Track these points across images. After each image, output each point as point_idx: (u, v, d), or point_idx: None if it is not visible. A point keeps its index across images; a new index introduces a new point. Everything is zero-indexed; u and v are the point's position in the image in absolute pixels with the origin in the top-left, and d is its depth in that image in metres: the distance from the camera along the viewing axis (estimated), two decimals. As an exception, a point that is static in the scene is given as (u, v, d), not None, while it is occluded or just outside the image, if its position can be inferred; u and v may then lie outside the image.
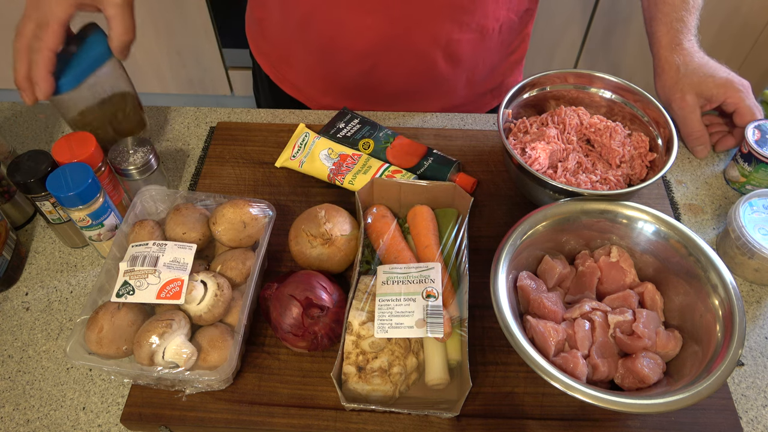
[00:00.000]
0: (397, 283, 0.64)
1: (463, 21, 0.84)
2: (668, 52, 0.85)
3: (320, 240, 0.69)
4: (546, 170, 0.75)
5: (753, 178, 0.80)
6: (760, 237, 0.70)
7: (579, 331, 0.62)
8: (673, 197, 0.83)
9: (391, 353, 0.61)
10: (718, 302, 0.61)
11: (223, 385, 0.63)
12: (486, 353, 0.67)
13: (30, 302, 0.73)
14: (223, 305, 0.63)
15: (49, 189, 0.66)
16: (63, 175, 0.66)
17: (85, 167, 0.67)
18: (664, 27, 0.85)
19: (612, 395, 0.54)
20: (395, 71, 0.90)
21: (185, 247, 0.65)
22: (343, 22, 0.84)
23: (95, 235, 0.71)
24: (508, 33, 0.92)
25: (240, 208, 0.69)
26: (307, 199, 0.81)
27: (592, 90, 0.82)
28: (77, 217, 0.68)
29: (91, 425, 0.64)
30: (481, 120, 0.93)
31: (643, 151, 0.77)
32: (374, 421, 0.62)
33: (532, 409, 0.63)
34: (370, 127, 0.86)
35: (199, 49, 1.97)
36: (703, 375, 0.56)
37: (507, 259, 0.63)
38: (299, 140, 0.84)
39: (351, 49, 0.87)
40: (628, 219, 0.68)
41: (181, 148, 0.90)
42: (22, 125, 0.94)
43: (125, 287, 0.62)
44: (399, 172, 0.79)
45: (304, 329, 0.62)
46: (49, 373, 0.68)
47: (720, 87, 0.82)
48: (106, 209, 0.69)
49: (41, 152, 0.71)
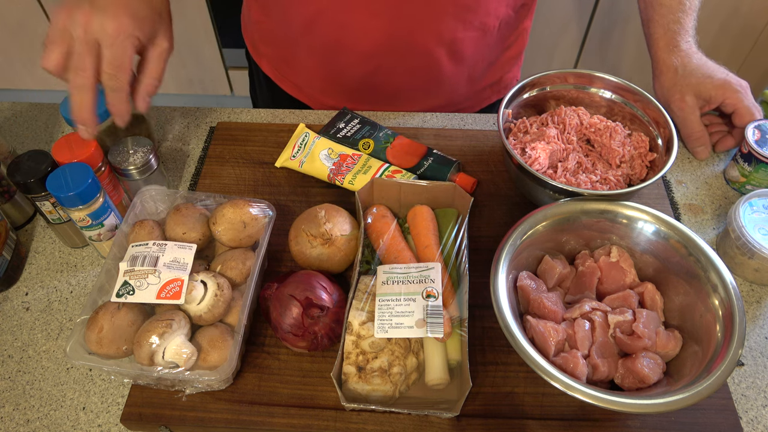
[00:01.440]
0: (397, 283, 0.64)
1: (467, 19, 0.84)
2: (665, 54, 0.85)
3: (320, 240, 0.69)
4: (546, 170, 0.75)
5: (753, 178, 0.80)
6: (760, 237, 0.70)
7: (579, 331, 0.62)
8: (673, 197, 0.83)
9: (391, 353, 0.61)
10: (718, 302, 0.61)
11: (223, 385, 0.63)
12: (486, 353, 0.67)
13: (30, 302, 0.73)
14: (223, 305, 0.63)
15: (49, 189, 0.66)
16: (63, 175, 0.66)
17: (85, 167, 0.67)
18: (660, 29, 0.85)
19: (612, 395, 0.54)
20: (399, 71, 0.90)
21: (185, 247, 0.65)
22: (348, 24, 0.84)
23: (95, 235, 0.71)
24: (506, 28, 0.92)
25: (240, 208, 0.69)
26: (307, 199, 0.81)
27: (592, 90, 0.82)
28: (77, 217, 0.68)
29: (91, 425, 0.64)
30: (481, 120, 0.93)
31: (643, 151, 0.77)
32: (374, 421, 0.62)
33: (532, 409, 0.63)
34: (370, 127, 0.86)
35: (199, 49, 1.98)
36: (703, 375, 0.56)
37: (507, 259, 0.63)
38: (299, 140, 0.84)
39: (356, 51, 0.87)
40: (628, 219, 0.68)
41: (181, 148, 0.90)
42: (22, 125, 0.94)
43: (125, 287, 0.62)
44: (399, 172, 0.79)
45: (304, 329, 0.62)
46: (49, 373, 0.68)
47: (718, 88, 0.82)
48: (106, 209, 0.69)
49: (41, 152, 0.71)
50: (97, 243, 0.73)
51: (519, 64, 1.05)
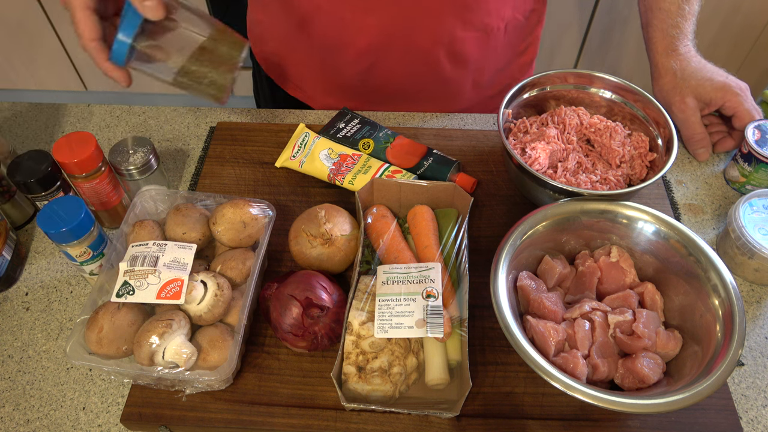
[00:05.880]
0: (397, 283, 0.64)
1: (466, 18, 0.84)
2: (664, 58, 0.85)
3: (320, 240, 0.69)
4: (546, 170, 0.75)
5: (753, 178, 0.80)
6: (760, 237, 0.70)
7: (579, 331, 0.62)
8: (673, 197, 0.83)
9: (391, 353, 0.61)
10: (718, 302, 0.61)
11: (223, 385, 0.63)
12: (486, 353, 0.67)
13: (30, 302, 0.73)
14: (223, 305, 0.63)
15: (43, 228, 0.63)
16: (54, 211, 0.64)
17: (76, 200, 0.65)
18: (659, 33, 0.86)
19: (612, 395, 0.54)
20: (398, 70, 0.90)
21: (185, 247, 0.65)
22: (345, 21, 0.84)
23: (96, 267, 0.70)
24: (514, 33, 0.92)
25: (240, 208, 0.69)
26: (307, 199, 0.81)
27: (592, 90, 0.82)
28: (76, 252, 0.66)
29: (91, 425, 0.64)
30: (481, 120, 0.93)
31: (643, 151, 0.77)
32: (374, 421, 0.62)
33: (532, 409, 0.63)
34: (370, 127, 0.86)
35: (199, 49, 1.97)
36: (703, 375, 0.56)
37: (507, 259, 0.63)
38: (299, 140, 0.84)
39: (353, 47, 0.87)
40: (628, 219, 0.68)
41: (181, 148, 0.90)
42: (22, 125, 0.94)
43: (125, 287, 0.62)
44: (399, 172, 0.79)
45: (304, 329, 0.62)
46: (49, 373, 0.68)
47: (718, 91, 0.82)
48: (102, 238, 0.68)
49: (41, 152, 0.71)
50: (95, 277, 0.71)
51: (530, 72, 1.04)
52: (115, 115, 0.95)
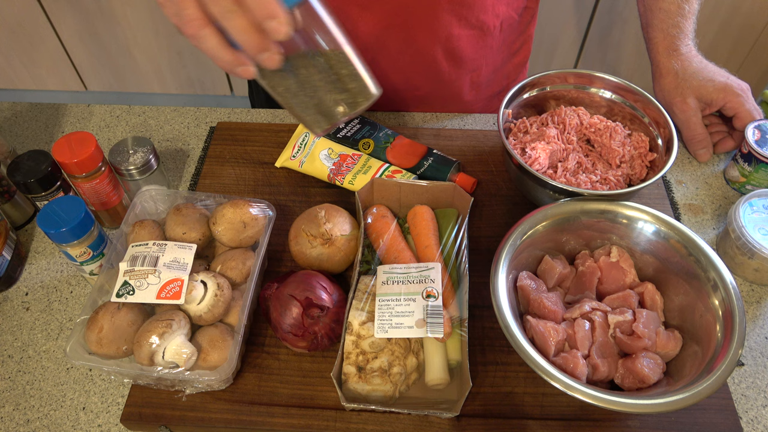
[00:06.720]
0: (397, 283, 0.64)
1: (462, 15, 0.84)
2: (665, 58, 0.85)
3: (320, 240, 0.69)
4: (546, 170, 0.75)
5: (753, 178, 0.80)
6: (760, 237, 0.70)
7: (579, 331, 0.62)
8: (673, 197, 0.83)
9: (391, 353, 0.61)
10: (718, 302, 0.61)
11: (223, 385, 0.63)
12: (486, 353, 0.67)
13: (30, 302, 0.73)
14: (223, 305, 0.63)
15: (43, 228, 0.63)
16: (54, 212, 0.64)
17: (76, 200, 0.65)
18: (660, 33, 0.85)
19: (612, 395, 0.54)
20: (395, 68, 0.90)
21: (185, 247, 0.65)
22: (342, 16, 0.84)
23: (96, 267, 0.70)
24: (509, 31, 0.92)
25: (240, 208, 0.69)
26: (307, 199, 0.81)
27: (592, 90, 0.82)
28: (76, 252, 0.67)
29: (91, 425, 0.64)
30: (481, 120, 0.93)
31: (643, 151, 0.77)
32: (374, 421, 0.62)
33: (532, 409, 0.63)
34: (370, 127, 0.86)
35: (199, 49, 1.97)
36: (703, 375, 0.56)
37: (507, 259, 0.63)
38: (299, 140, 0.84)
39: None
40: (628, 219, 0.68)
41: (181, 148, 0.90)
42: (22, 125, 0.94)
43: (125, 287, 0.62)
44: (399, 172, 0.79)
45: (304, 329, 0.62)
46: (49, 373, 0.68)
47: (719, 91, 0.82)
48: (102, 238, 0.68)
49: (41, 152, 0.71)
50: (95, 277, 0.71)
51: (525, 72, 1.04)
52: (115, 115, 0.95)
